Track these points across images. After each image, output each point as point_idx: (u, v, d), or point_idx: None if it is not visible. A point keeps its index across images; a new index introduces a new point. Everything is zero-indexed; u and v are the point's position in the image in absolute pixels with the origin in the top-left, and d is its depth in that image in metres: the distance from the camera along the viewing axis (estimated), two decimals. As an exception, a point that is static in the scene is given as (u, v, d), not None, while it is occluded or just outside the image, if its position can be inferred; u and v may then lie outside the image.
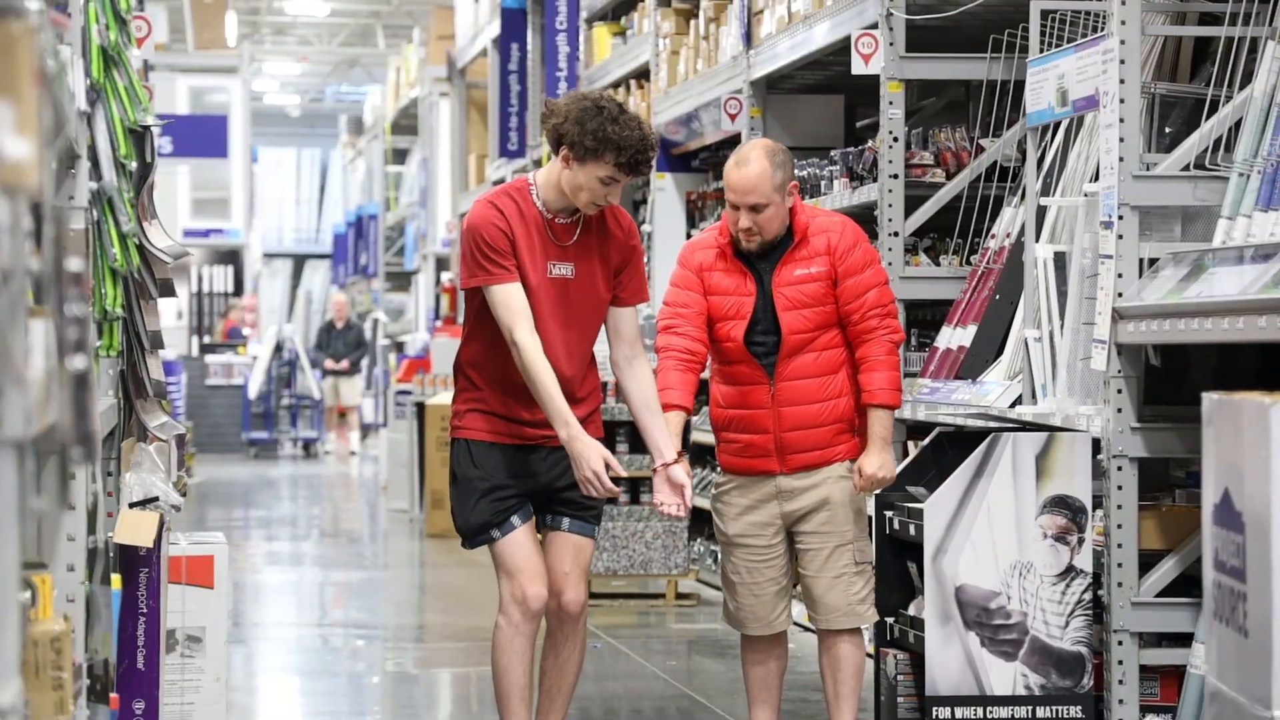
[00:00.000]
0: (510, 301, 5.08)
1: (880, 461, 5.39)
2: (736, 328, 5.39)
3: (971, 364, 7.08)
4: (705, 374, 5.64)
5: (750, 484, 5.48)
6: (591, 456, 5.03)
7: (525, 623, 5.20)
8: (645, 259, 5.53)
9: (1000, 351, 6.94)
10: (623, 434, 9.24)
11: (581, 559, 5.30)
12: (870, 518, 5.98)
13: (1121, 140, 5.76)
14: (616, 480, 5.21)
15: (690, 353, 5.42)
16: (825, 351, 5.39)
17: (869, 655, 6.08)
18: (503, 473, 5.25)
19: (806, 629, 5.65)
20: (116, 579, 4.22)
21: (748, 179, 5.30)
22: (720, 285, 5.42)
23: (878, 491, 5.65)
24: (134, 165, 4.57)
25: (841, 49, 8.13)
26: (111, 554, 4.50)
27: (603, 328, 5.37)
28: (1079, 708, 5.73)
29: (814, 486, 5.43)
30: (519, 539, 5.22)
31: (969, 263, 7.68)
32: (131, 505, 4.53)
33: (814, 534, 5.43)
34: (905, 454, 7.45)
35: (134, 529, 4.36)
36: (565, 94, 5.38)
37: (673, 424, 5.36)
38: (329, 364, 22.39)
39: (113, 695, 4.08)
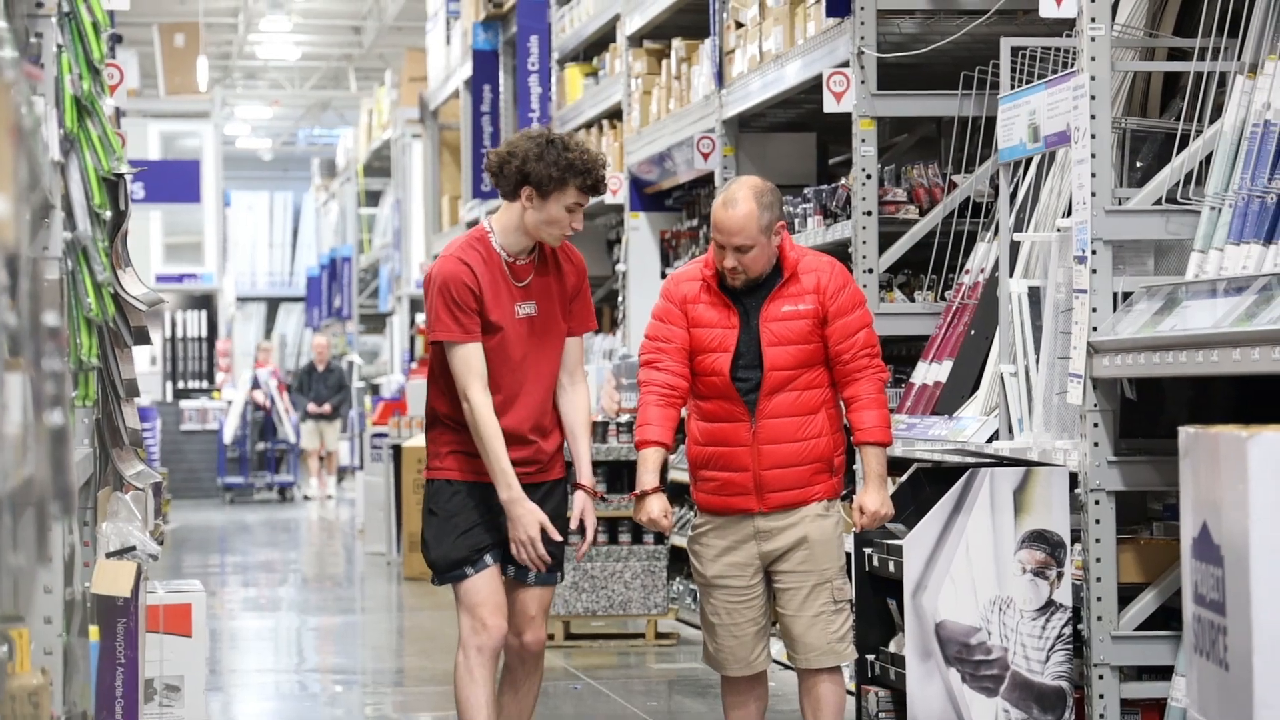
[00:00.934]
0: (469, 360, 5.29)
1: (880, 498, 5.43)
2: (720, 360, 5.39)
3: (948, 399, 7.09)
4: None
5: (728, 524, 5.47)
6: (529, 522, 5.26)
7: (482, 654, 5.35)
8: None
9: (976, 387, 6.95)
10: (600, 473, 9.23)
11: (544, 600, 5.48)
12: (849, 555, 5.97)
13: (1093, 175, 5.78)
14: (575, 530, 5.43)
15: (671, 388, 5.44)
16: (806, 391, 5.39)
17: (850, 693, 6.07)
18: (480, 512, 5.38)
19: (787, 667, 5.63)
20: (94, 630, 4.20)
21: (734, 220, 5.31)
22: (704, 318, 5.43)
23: (868, 529, 5.65)
24: (108, 214, 4.56)
25: (813, 87, 8.16)
26: (89, 604, 4.47)
27: None
28: (1061, 743, 5.72)
29: (792, 526, 5.42)
30: (488, 577, 5.39)
31: (943, 298, 7.70)
32: (108, 555, 4.50)
33: (792, 573, 5.42)
34: (883, 490, 7.45)
35: (111, 579, 4.34)
36: (506, 140, 5.50)
37: (652, 460, 5.43)
38: (311, 408, 22.30)
39: (92, 747, 4.05)
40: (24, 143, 2.02)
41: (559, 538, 5.34)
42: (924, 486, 6.14)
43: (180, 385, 24.08)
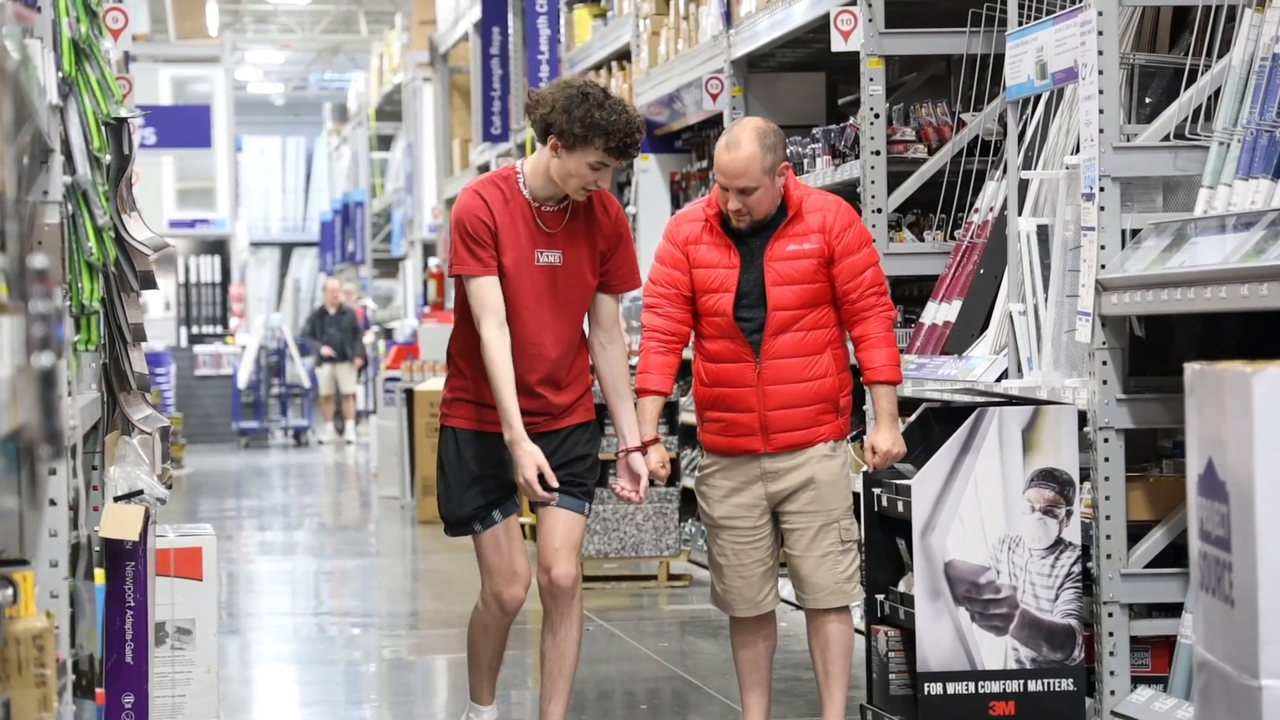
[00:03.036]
0: (484, 295, 5.17)
1: (893, 437, 5.43)
2: (723, 300, 5.36)
3: (957, 339, 7.07)
4: (688, 353, 5.64)
5: (734, 465, 5.47)
6: (526, 464, 5.15)
7: (500, 616, 5.39)
8: (633, 241, 5.54)
9: (985, 326, 6.94)
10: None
11: (572, 534, 5.33)
12: (857, 495, 5.98)
13: (1101, 112, 5.75)
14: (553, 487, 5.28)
15: (673, 334, 5.44)
16: (811, 331, 5.38)
17: (860, 633, 6.08)
18: (488, 463, 5.32)
19: (796, 607, 5.64)
20: (100, 574, 4.21)
21: (737, 163, 5.26)
22: (705, 258, 5.40)
23: (881, 468, 5.66)
24: (109, 158, 4.55)
25: (821, 26, 8.12)
26: (96, 548, 4.48)
27: None
28: (1070, 680, 5.73)
29: (799, 466, 5.42)
30: (498, 535, 5.35)
31: (952, 238, 7.67)
32: (116, 499, 4.51)
33: (800, 513, 5.42)
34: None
35: (119, 523, 4.34)
36: (549, 82, 5.41)
37: (650, 409, 5.43)
38: (326, 350, 22.30)
39: (99, 690, 4.07)
40: (10, 84, 2.01)
41: (543, 494, 5.17)
42: (933, 426, 6.13)
43: (194, 330, 24.12)
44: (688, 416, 9.50)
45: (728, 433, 5.44)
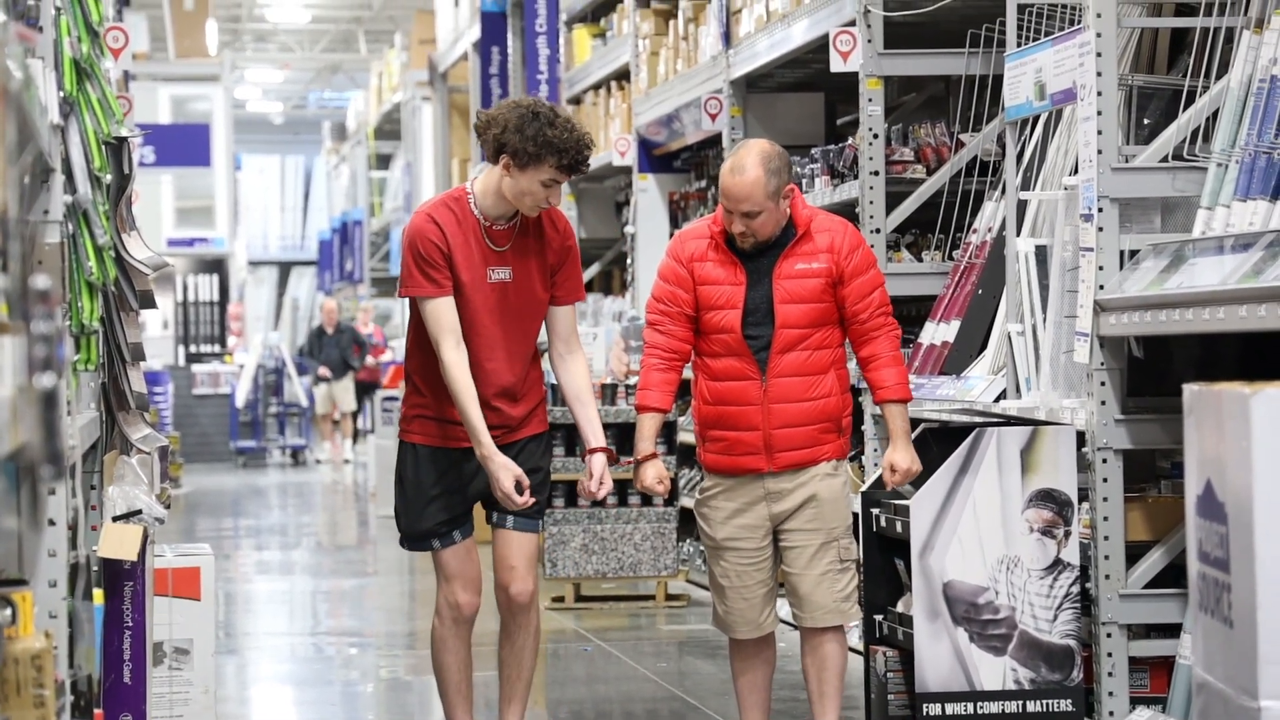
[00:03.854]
0: (439, 316, 5.28)
1: (910, 455, 5.47)
2: (729, 317, 5.37)
3: (955, 359, 7.08)
4: (687, 372, 5.64)
5: (737, 486, 5.46)
6: (503, 477, 5.25)
7: (457, 625, 5.49)
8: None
9: (984, 346, 6.94)
10: (610, 435, 9.21)
11: (527, 551, 5.46)
12: (856, 515, 5.97)
13: (1100, 133, 5.76)
14: (532, 490, 5.37)
15: (674, 351, 5.46)
16: (817, 351, 5.39)
17: (858, 652, 6.08)
18: (447, 480, 5.43)
19: (793, 626, 5.64)
20: (99, 594, 4.21)
21: (741, 187, 5.28)
22: (711, 275, 5.41)
23: (899, 486, 5.67)
24: (109, 177, 4.56)
25: (820, 47, 8.13)
26: (95, 568, 4.48)
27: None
28: (1069, 701, 5.72)
29: (801, 485, 5.42)
30: (457, 550, 5.46)
31: (951, 258, 7.68)
32: (115, 519, 4.51)
33: (800, 531, 5.42)
34: (891, 450, 7.45)
35: (117, 543, 4.34)
36: (498, 103, 5.47)
37: (649, 426, 5.47)
38: (322, 371, 22.28)
39: (97, 711, 4.06)
40: (13, 104, 2.01)
41: (521, 500, 5.26)
42: (931, 446, 6.13)
43: (192, 349, 24.12)
44: (686, 436, 9.49)
45: (731, 452, 5.43)
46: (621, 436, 9.31)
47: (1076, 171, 6.04)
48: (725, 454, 5.45)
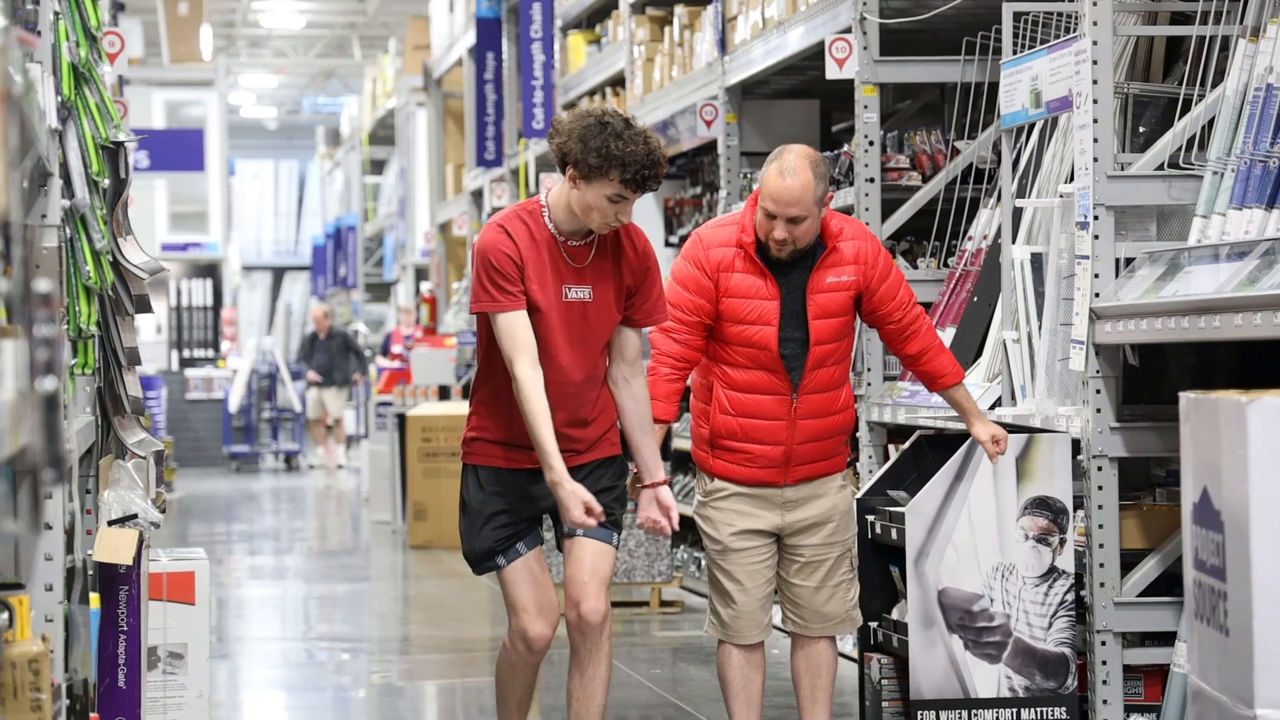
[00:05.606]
0: (514, 331, 4.97)
1: (993, 427, 5.55)
2: (764, 333, 5.23)
3: (951, 366, 7.08)
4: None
5: (751, 491, 5.37)
6: (572, 505, 4.95)
7: (528, 655, 5.16)
8: (660, 275, 5.35)
9: (979, 353, 6.95)
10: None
11: (600, 568, 5.11)
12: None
13: (1096, 141, 5.77)
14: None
15: (687, 361, 5.30)
16: (839, 364, 5.34)
17: (852, 659, 6.08)
18: (509, 498, 5.15)
19: (786, 633, 5.62)
20: (95, 598, 4.21)
21: (792, 191, 5.12)
22: (739, 287, 5.25)
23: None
24: (107, 182, 4.56)
25: (816, 54, 8.14)
26: (90, 572, 4.48)
27: None
28: (1064, 709, 5.73)
29: (818, 497, 5.35)
30: (522, 570, 5.14)
31: (946, 265, 7.69)
32: (110, 523, 4.51)
33: (821, 545, 5.36)
34: (886, 457, 7.46)
35: (113, 547, 4.34)
36: (571, 111, 5.21)
37: (655, 436, 5.28)
38: (311, 376, 22.26)
39: (93, 715, 4.06)
40: (14, 109, 2.01)
41: (592, 522, 4.97)
42: (927, 453, 6.14)
43: (185, 354, 24.10)
44: (680, 442, 9.49)
45: (749, 464, 5.31)
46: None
47: (1072, 179, 6.04)
48: (743, 465, 5.31)
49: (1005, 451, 5.57)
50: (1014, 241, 6.53)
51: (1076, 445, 5.86)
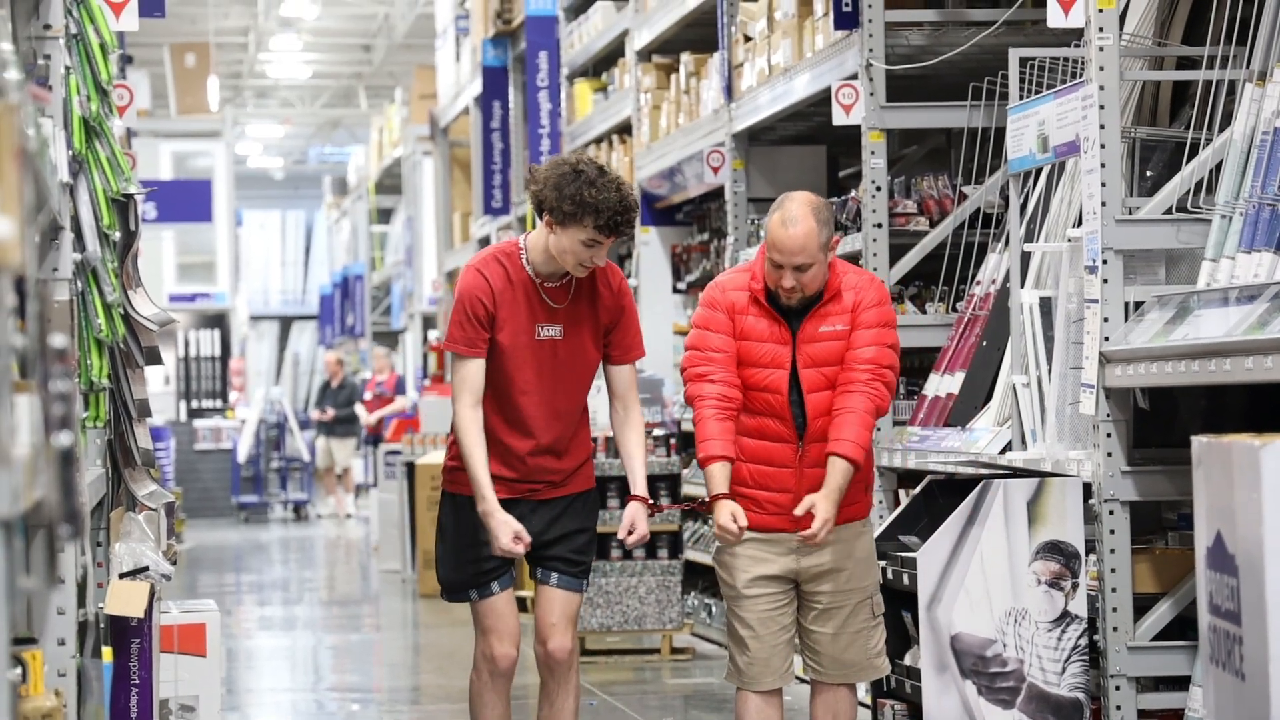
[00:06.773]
0: (466, 375, 5.29)
1: (835, 510, 5.14)
2: (775, 377, 5.21)
3: (960, 411, 7.07)
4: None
5: (764, 536, 5.32)
6: (501, 534, 5.24)
7: (494, 679, 5.42)
8: (636, 311, 5.57)
9: (989, 398, 6.94)
10: (614, 488, 9.21)
11: (568, 609, 5.41)
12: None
13: (1103, 185, 5.78)
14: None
15: (728, 399, 5.23)
16: None
17: (867, 707, 6.05)
18: (486, 530, 5.32)
19: (804, 681, 5.59)
20: (108, 651, 4.20)
21: (795, 240, 5.12)
22: (753, 330, 5.25)
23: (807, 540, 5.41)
24: (117, 234, 4.57)
25: (822, 100, 8.16)
26: (102, 625, 4.47)
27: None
28: (1078, 754, 5.70)
29: (832, 544, 5.31)
30: (496, 601, 5.41)
31: (955, 310, 7.69)
32: (121, 576, 4.50)
33: (837, 592, 5.29)
34: (897, 503, 7.45)
35: (125, 600, 4.33)
36: (547, 159, 5.43)
37: (719, 476, 5.20)
38: (314, 414, 22.23)
39: (106, 768, 4.05)
40: (29, 164, 2.02)
41: (520, 550, 5.24)
42: (937, 498, 6.13)
43: (194, 405, 24.10)
44: (690, 489, 9.48)
45: (759, 510, 5.27)
46: (623, 489, 9.28)
47: (1080, 223, 6.05)
48: (753, 511, 5.26)
49: (818, 530, 5.12)
50: (1023, 286, 6.54)
51: (1088, 489, 5.85)
